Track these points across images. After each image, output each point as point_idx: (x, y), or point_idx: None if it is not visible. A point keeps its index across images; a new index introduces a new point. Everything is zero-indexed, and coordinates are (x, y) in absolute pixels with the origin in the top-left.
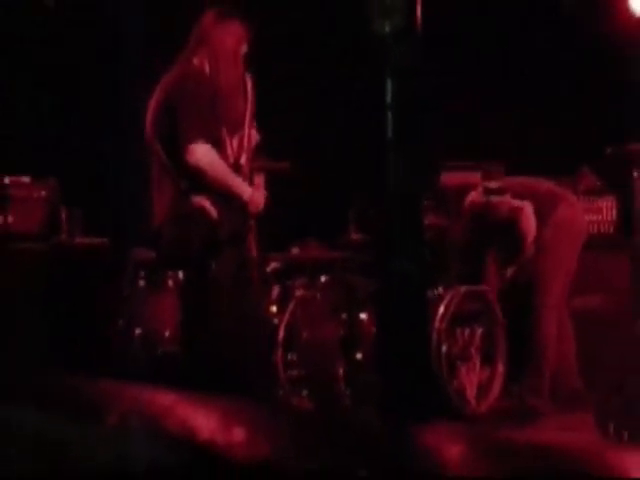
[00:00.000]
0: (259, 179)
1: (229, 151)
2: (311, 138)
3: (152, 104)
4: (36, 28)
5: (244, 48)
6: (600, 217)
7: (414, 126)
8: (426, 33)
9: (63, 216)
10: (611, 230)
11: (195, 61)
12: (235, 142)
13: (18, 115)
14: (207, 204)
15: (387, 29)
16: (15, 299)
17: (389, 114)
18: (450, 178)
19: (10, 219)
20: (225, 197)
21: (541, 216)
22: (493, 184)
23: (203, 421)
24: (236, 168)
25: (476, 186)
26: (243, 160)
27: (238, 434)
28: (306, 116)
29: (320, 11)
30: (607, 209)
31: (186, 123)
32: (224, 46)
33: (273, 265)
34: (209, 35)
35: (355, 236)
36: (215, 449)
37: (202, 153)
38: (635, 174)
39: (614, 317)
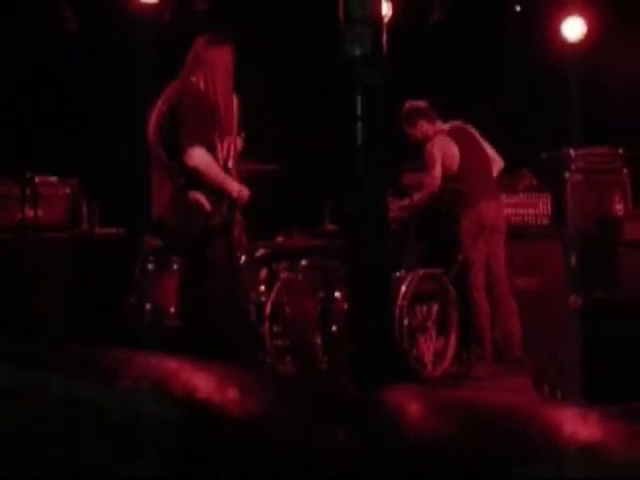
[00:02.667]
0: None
1: (220, 155)
2: (294, 145)
3: (155, 114)
4: (63, 49)
5: (232, 66)
6: (537, 211)
7: (380, 135)
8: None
9: (84, 210)
10: (546, 222)
11: (192, 78)
12: (224, 147)
13: (46, 126)
14: (202, 198)
15: (357, 53)
16: (44, 281)
17: (359, 125)
18: (409, 178)
19: (40, 212)
20: (216, 192)
21: (463, 211)
22: None
23: (201, 383)
24: (225, 169)
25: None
26: (230, 163)
27: (231, 394)
28: (291, 127)
29: (302, 38)
30: (543, 204)
31: (185, 130)
32: (215, 65)
33: (261, 251)
34: (202, 56)
35: (330, 227)
36: (211, 407)
37: (199, 155)
38: (566, 175)
39: (549, 294)
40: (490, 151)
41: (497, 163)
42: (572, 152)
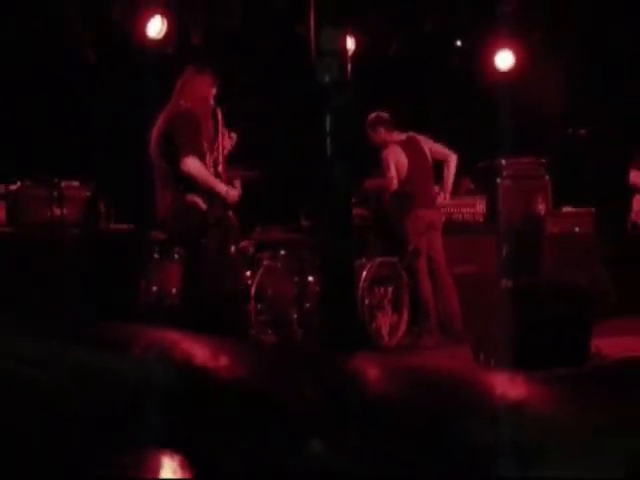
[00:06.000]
0: (237, 183)
1: (208, 162)
2: (275, 155)
3: (155, 132)
4: (84, 77)
5: (214, 90)
6: (474, 210)
7: (346, 147)
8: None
9: (102, 209)
10: (482, 220)
11: (181, 102)
12: (213, 156)
13: (71, 138)
14: (198, 200)
15: (327, 80)
16: (69, 269)
17: (328, 139)
18: (370, 183)
19: (65, 212)
20: (209, 195)
21: (407, 210)
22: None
23: (198, 352)
24: (216, 174)
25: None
26: (220, 169)
27: (223, 361)
28: (272, 139)
29: (283, 69)
30: (479, 205)
31: (180, 143)
32: (199, 90)
33: (248, 243)
34: (189, 83)
35: (305, 223)
36: (206, 371)
37: (191, 162)
38: (498, 181)
39: (485, 279)
40: (442, 150)
41: (451, 158)
42: (503, 162)
